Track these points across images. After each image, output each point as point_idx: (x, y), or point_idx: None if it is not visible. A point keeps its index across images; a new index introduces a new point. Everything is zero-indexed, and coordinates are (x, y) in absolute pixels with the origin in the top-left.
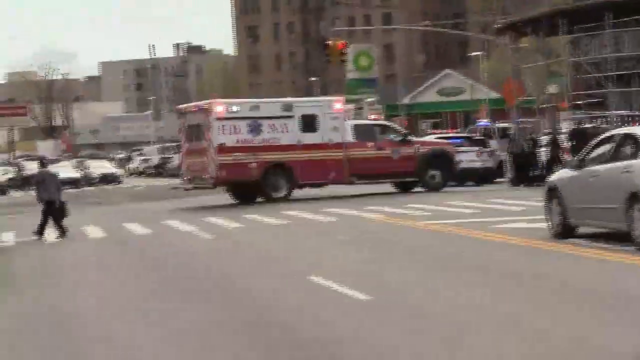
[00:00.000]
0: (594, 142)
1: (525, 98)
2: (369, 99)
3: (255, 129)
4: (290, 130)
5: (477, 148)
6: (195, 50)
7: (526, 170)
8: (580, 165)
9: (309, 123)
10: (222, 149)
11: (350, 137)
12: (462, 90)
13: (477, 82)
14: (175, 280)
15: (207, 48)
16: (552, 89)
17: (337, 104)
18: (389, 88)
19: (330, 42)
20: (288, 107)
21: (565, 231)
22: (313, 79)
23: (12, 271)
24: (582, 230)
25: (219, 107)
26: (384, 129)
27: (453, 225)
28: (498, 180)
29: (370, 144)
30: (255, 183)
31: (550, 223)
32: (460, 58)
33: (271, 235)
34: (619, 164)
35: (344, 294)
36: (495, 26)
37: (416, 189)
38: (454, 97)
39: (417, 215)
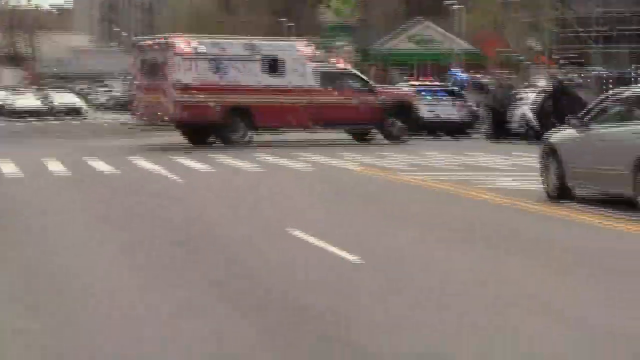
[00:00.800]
0: (598, 100)
1: (505, 52)
2: (345, 47)
3: (217, 68)
4: (254, 72)
5: (453, 100)
6: None
7: (504, 125)
8: (584, 125)
9: (273, 65)
10: (183, 88)
11: (314, 83)
12: (436, 41)
13: (453, 33)
14: (143, 226)
15: None
16: (533, 43)
17: (303, 47)
18: (363, 34)
19: None
20: (252, 47)
21: (562, 194)
22: (288, 23)
23: None
24: (579, 193)
25: (180, 42)
26: (349, 76)
27: (437, 180)
28: (471, 134)
29: (334, 90)
30: (215, 125)
31: (546, 184)
32: (437, 8)
33: (246, 181)
34: (631, 126)
35: (331, 252)
36: None
37: (377, 140)
38: (428, 46)
39: (397, 168)
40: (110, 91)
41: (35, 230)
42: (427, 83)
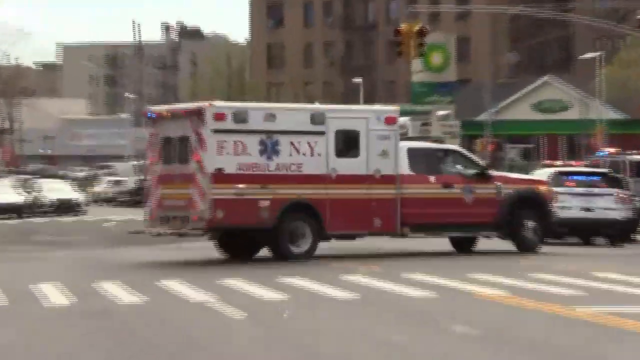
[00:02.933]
0: None
1: None
2: (442, 112)
3: (269, 148)
4: (320, 153)
5: (610, 189)
6: (190, 34)
7: None
8: None
9: (347, 143)
10: (221, 176)
11: (405, 167)
12: (566, 106)
13: (590, 95)
14: None
15: (208, 33)
16: None
17: (390, 116)
18: (466, 98)
19: (403, 26)
20: (318, 117)
21: None
22: (357, 80)
23: None
24: None
25: (218, 112)
26: (453, 156)
27: None
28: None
29: (432, 178)
30: (267, 230)
31: None
32: (563, 62)
33: (342, 319)
34: None
35: None
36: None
37: (483, 247)
38: (556, 114)
39: (559, 294)
40: (116, 179)
41: None
42: (580, 169)
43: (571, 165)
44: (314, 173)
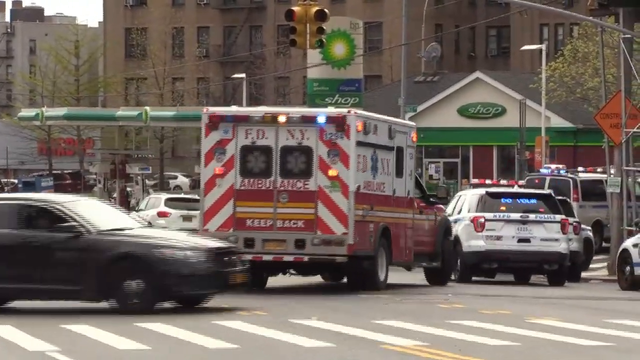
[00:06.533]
0: None
1: None
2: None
3: (374, 165)
4: (390, 171)
5: (552, 216)
6: (29, 15)
7: None
8: None
9: (399, 161)
10: (360, 196)
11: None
12: (501, 111)
13: (530, 97)
14: None
15: (51, 14)
16: None
17: (415, 132)
18: (376, 99)
19: (298, 7)
20: (392, 131)
21: None
22: (238, 75)
23: None
24: None
25: (361, 121)
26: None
27: None
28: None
29: (417, 202)
30: (369, 258)
31: None
32: (498, 55)
33: None
34: None
35: None
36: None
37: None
38: (488, 121)
39: (486, 345)
40: None
41: None
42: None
43: (504, 185)
44: (386, 194)
